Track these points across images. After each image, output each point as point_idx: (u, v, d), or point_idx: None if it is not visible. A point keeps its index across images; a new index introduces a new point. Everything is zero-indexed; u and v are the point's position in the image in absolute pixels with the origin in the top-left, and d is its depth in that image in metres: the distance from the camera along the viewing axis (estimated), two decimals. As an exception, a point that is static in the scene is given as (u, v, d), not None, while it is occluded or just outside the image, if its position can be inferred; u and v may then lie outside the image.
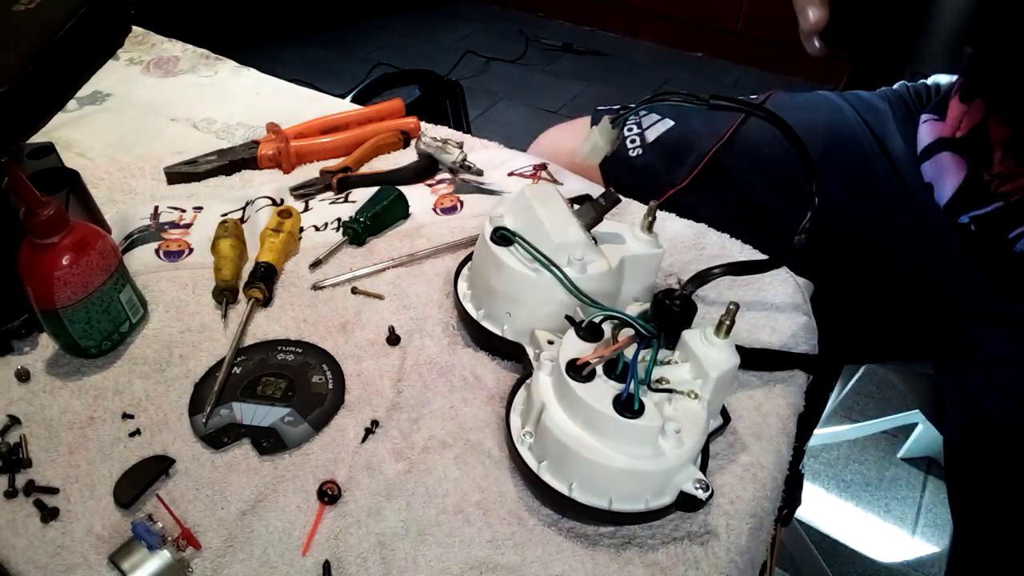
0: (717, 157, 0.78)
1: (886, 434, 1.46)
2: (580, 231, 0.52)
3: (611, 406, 0.42)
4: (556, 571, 0.45)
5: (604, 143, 0.55)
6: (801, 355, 0.59)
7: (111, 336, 0.57)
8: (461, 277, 0.61)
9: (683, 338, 0.47)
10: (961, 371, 0.69)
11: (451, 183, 0.78)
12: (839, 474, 1.40)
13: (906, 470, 1.41)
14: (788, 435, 0.54)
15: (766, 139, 0.76)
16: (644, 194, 0.74)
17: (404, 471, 0.50)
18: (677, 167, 0.79)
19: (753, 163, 0.77)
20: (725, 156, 0.78)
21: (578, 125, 0.89)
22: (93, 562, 0.44)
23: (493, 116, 2.40)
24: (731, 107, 0.52)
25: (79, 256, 0.52)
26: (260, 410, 0.53)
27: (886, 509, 1.34)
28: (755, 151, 0.77)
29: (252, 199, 0.74)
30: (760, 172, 0.77)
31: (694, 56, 2.78)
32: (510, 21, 3.00)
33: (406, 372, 0.56)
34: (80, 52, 0.56)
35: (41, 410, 0.53)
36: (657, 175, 0.79)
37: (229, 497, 0.48)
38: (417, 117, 0.86)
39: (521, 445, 0.47)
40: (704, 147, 0.78)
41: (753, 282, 0.65)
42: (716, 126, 0.79)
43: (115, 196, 0.74)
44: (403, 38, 2.85)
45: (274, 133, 0.80)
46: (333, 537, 0.46)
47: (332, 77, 2.40)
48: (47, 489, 0.48)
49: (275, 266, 0.63)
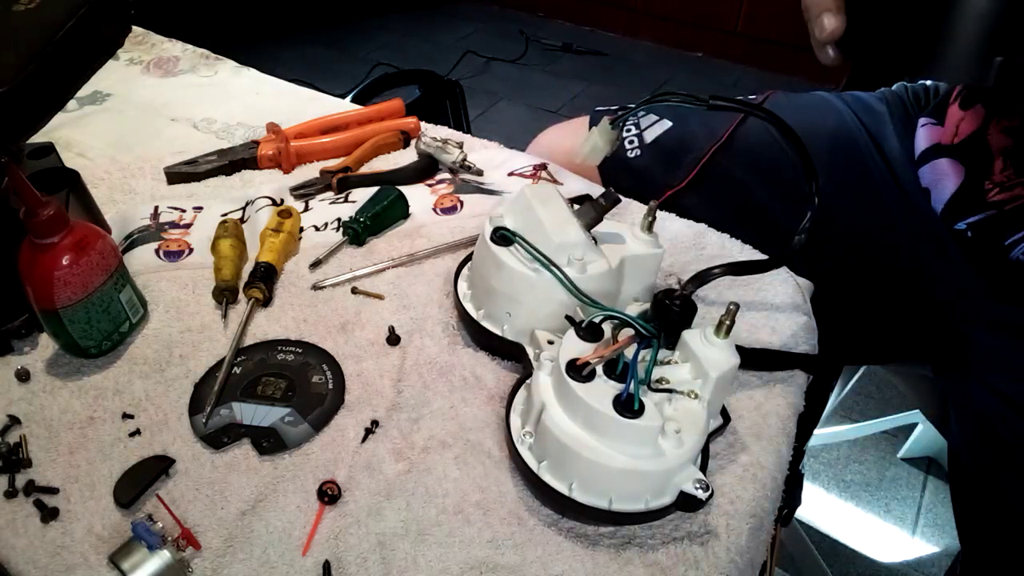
0: (715, 158, 0.78)
1: (886, 434, 1.46)
2: (580, 231, 0.52)
3: (611, 406, 0.42)
4: (556, 571, 0.45)
5: (604, 144, 0.55)
6: (801, 355, 0.59)
7: (111, 336, 0.57)
8: (461, 277, 0.61)
9: (683, 338, 0.47)
10: (959, 375, 0.69)
11: (451, 183, 0.78)
12: (839, 474, 1.40)
13: (906, 470, 1.41)
14: (788, 435, 0.54)
15: (763, 140, 0.76)
16: (642, 195, 0.74)
17: (404, 471, 0.50)
18: (675, 168, 0.79)
19: (751, 164, 0.77)
20: (723, 157, 0.78)
21: (576, 125, 0.89)
22: (93, 562, 0.44)
23: (493, 116, 2.40)
24: (731, 107, 0.52)
25: (79, 256, 0.52)
26: (260, 410, 0.53)
27: (886, 509, 1.34)
28: (753, 152, 0.77)
29: (252, 199, 0.74)
30: (758, 173, 0.77)
31: (694, 56, 2.78)
32: (510, 21, 3.00)
33: (406, 372, 0.56)
34: (80, 52, 0.56)
35: (41, 410, 0.53)
36: (655, 176, 0.79)
37: (229, 497, 0.48)
38: (417, 117, 0.86)
39: (521, 445, 0.47)
40: (702, 148, 0.78)
41: (753, 282, 0.65)
42: (714, 127, 0.79)
43: (115, 196, 0.74)
44: (403, 38, 2.85)
45: (274, 133, 0.80)
46: (333, 537, 0.46)
47: (332, 77, 2.40)
48: (47, 489, 0.48)
49: (275, 266, 0.63)
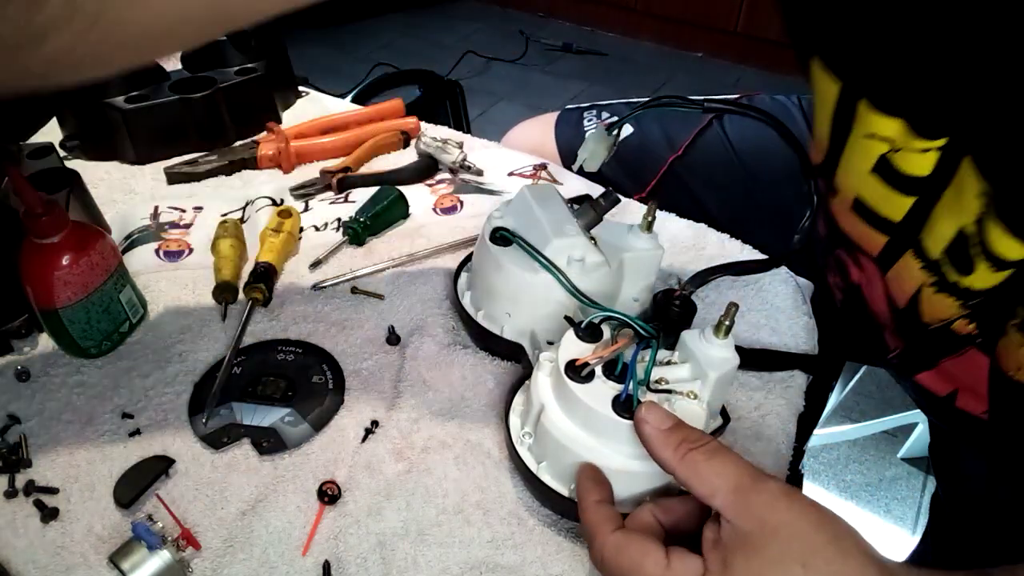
0: (672, 169, 0.79)
1: (886, 434, 1.46)
2: (580, 231, 0.52)
3: (610, 407, 0.42)
4: (556, 571, 0.45)
5: (602, 150, 0.55)
6: (801, 355, 0.59)
7: (111, 336, 0.57)
8: (461, 277, 0.61)
9: (683, 338, 0.47)
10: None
11: (451, 183, 0.78)
12: (839, 474, 1.40)
13: (906, 470, 1.41)
14: (788, 435, 0.54)
15: (718, 154, 0.77)
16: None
17: (404, 471, 0.50)
18: (634, 178, 0.80)
19: (706, 179, 0.78)
20: (680, 168, 0.79)
21: (544, 121, 0.91)
22: (93, 562, 0.44)
23: (493, 116, 2.40)
24: (725, 109, 0.52)
25: (79, 256, 0.52)
26: (260, 410, 0.53)
27: (886, 509, 1.34)
28: (708, 166, 0.78)
29: (252, 199, 0.74)
30: (712, 188, 0.78)
31: (694, 56, 2.78)
32: (510, 21, 3.00)
33: (406, 372, 0.56)
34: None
35: (41, 410, 0.53)
36: (620, 183, 0.80)
37: (229, 497, 0.48)
38: (417, 117, 0.86)
39: (520, 446, 0.47)
40: (661, 157, 0.79)
41: (753, 282, 0.65)
42: (671, 136, 0.80)
43: (115, 196, 0.74)
44: (403, 38, 2.85)
45: (274, 133, 0.80)
46: (333, 537, 0.46)
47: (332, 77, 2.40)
48: (47, 489, 0.48)
49: (275, 266, 0.63)
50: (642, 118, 0.82)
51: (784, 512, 0.34)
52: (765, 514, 0.35)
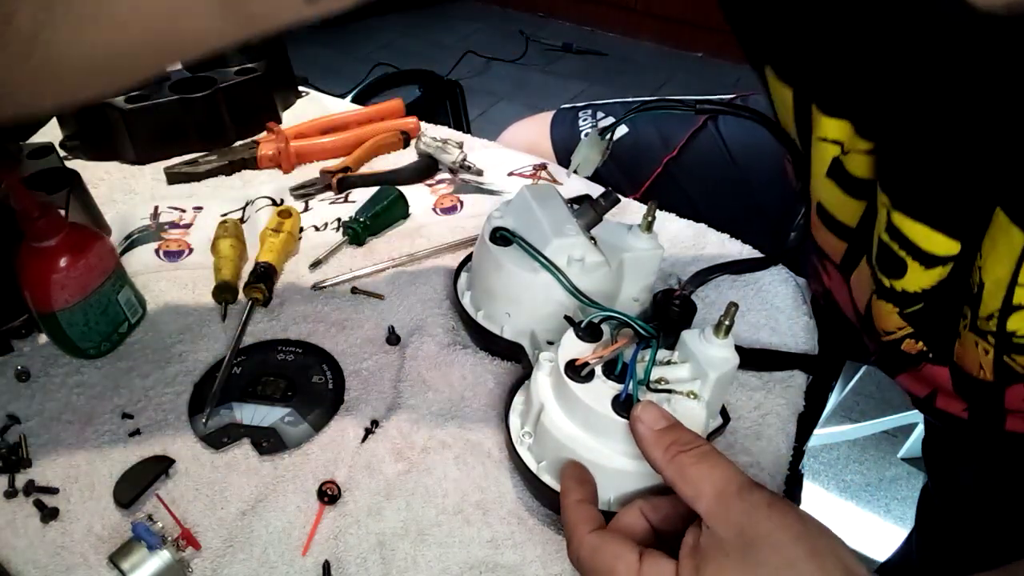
0: (667, 170, 0.79)
1: (886, 434, 1.46)
2: (579, 231, 0.52)
3: (610, 406, 0.42)
4: (556, 571, 0.45)
5: (595, 155, 0.55)
6: (801, 355, 0.59)
7: (110, 337, 0.57)
8: (461, 277, 0.61)
9: (682, 338, 0.47)
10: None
11: (451, 183, 0.78)
12: (839, 474, 1.40)
13: (906, 470, 1.41)
14: (788, 435, 0.54)
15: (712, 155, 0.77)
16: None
17: (404, 471, 0.50)
18: (630, 178, 0.80)
19: (700, 180, 0.78)
20: (675, 168, 0.79)
21: (539, 120, 0.91)
22: (93, 562, 0.44)
23: (493, 116, 2.40)
24: (717, 110, 0.53)
25: (76, 258, 0.52)
26: (260, 410, 0.53)
27: (886, 509, 1.34)
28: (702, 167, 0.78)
29: (252, 199, 0.74)
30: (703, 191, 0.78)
31: (694, 56, 2.78)
32: (510, 21, 3.00)
33: (406, 372, 0.56)
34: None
35: (41, 410, 0.53)
36: (616, 183, 0.80)
37: (229, 497, 0.48)
38: (417, 117, 0.86)
39: (520, 445, 0.47)
40: (656, 158, 0.79)
41: (753, 282, 0.65)
42: (667, 136, 0.80)
43: (115, 196, 0.74)
44: (403, 38, 2.85)
45: (274, 133, 0.80)
46: (333, 537, 0.46)
47: (332, 77, 2.40)
48: (47, 489, 0.48)
49: (275, 266, 0.63)
50: (637, 118, 0.82)
51: (764, 522, 0.33)
52: (744, 522, 0.34)
